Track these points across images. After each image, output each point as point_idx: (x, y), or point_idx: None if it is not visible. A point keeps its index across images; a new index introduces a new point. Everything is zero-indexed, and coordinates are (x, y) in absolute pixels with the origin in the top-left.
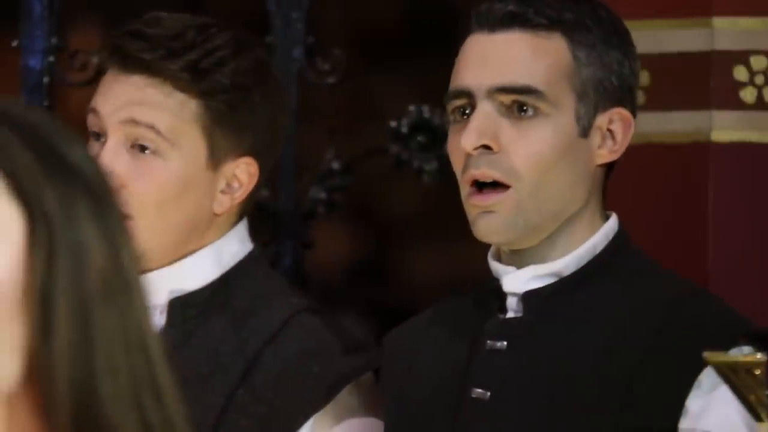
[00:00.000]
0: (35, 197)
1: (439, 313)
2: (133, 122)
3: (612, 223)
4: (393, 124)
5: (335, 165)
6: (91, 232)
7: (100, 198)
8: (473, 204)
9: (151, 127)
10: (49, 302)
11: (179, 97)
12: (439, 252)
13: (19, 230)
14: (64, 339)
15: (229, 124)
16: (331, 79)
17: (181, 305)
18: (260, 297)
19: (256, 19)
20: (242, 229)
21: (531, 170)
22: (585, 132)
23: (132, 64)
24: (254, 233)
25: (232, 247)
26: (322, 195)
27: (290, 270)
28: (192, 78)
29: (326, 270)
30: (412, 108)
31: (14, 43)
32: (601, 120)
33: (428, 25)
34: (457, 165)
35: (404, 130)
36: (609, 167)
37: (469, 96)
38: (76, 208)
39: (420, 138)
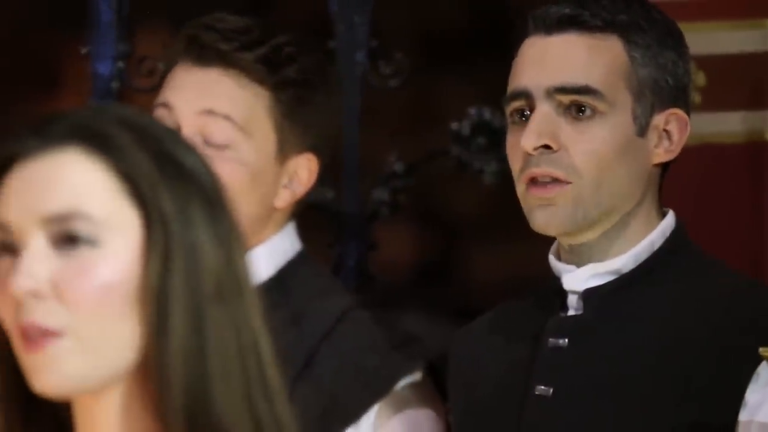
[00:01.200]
0: (153, 200)
1: (503, 313)
2: (210, 113)
3: (669, 220)
4: (454, 126)
5: (398, 167)
6: (206, 235)
7: (214, 202)
8: (534, 195)
9: (227, 118)
10: (165, 302)
11: (253, 88)
12: (500, 251)
13: (137, 231)
14: (178, 338)
15: (297, 118)
16: (393, 83)
17: None
18: (314, 295)
19: (319, 24)
20: (293, 228)
21: (590, 168)
22: (642, 131)
23: (208, 55)
24: (319, 235)
25: (284, 245)
26: (386, 197)
27: (354, 270)
28: (266, 70)
29: (389, 270)
30: (472, 110)
31: (84, 50)
32: (658, 120)
33: (488, 28)
34: (515, 164)
35: (465, 132)
36: (664, 166)
37: (527, 97)
38: (191, 211)
39: (481, 140)
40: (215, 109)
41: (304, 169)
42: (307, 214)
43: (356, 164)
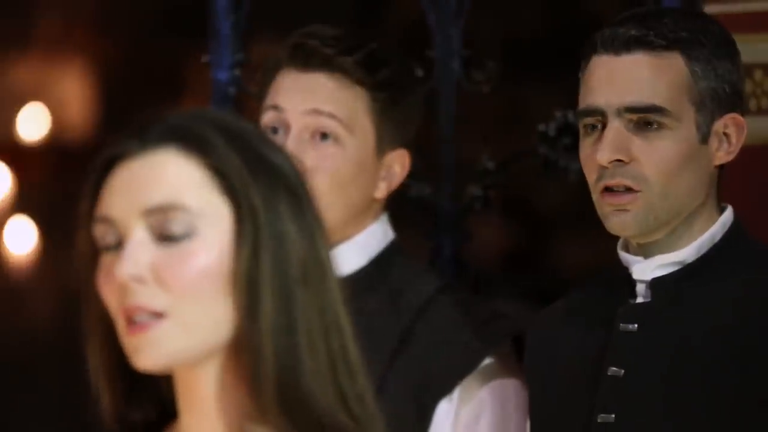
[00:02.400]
0: (243, 194)
1: (576, 299)
2: (317, 112)
3: (728, 215)
4: (541, 127)
5: (490, 165)
6: (291, 225)
7: (298, 196)
8: (608, 202)
9: (333, 116)
10: (255, 286)
11: (354, 89)
12: (584, 242)
13: (228, 222)
14: (268, 318)
15: (392, 116)
16: (485, 88)
17: None
18: (407, 279)
19: (418, 35)
20: (386, 219)
21: (659, 177)
22: (704, 139)
23: (313, 60)
24: (417, 227)
25: (378, 235)
26: (478, 192)
27: (450, 260)
28: (364, 72)
29: (482, 260)
30: (558, 113)
31: (205, 59)
32: (718, 125)
33: (571, 36)
34: (590, 174)
35: (552, 133)
36: (722, 165)
37: (601, 114)
38: (278, 203)
39: (566, 140)
40: (321, 108)
41: (398, 164)
42: (407, 209)
43: (452, 162)
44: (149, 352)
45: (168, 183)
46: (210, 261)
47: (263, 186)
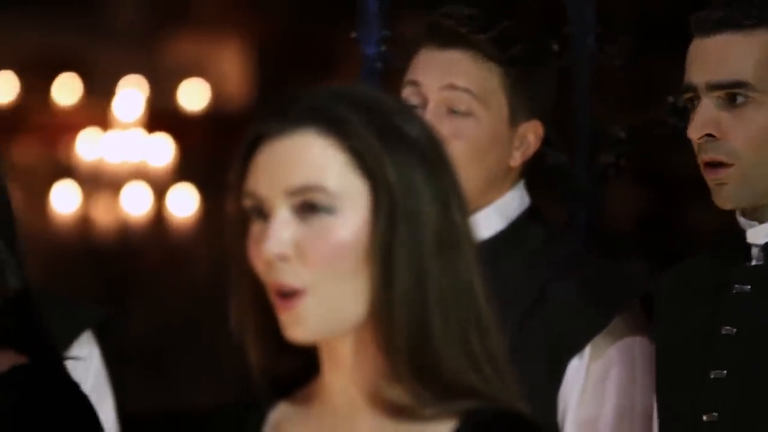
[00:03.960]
0: (378, 172)
1: (697, 262)
2: (452, 87)
3: None
4: (671, 99)
5: (622, 134)
6: (426, 198)
7: (434, 166)
8: (708, 177)
9: (468, 91)
10: (390, 259)
11: (488, 65)
12: (710, 208)
13: (365, 200)
14: (402, 289)
15: (525, 90)
16: (618, 62)
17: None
18: (545, 240)
19: (554, 12)
20: (523, 185)
21: (749, 150)
22: None
23: (449, 38)
24: (554, 194)
25: (516, 200)
26: (612, 160)
27: (584, 225)
28: (498, 49)
29: (616, 224)
30: None
31: (354, 35)
32: None
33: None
34: (694, 147)
35: (680, 104)
36: None
37: (694, 90)
38: (413, 178)
39: None
40: (457, 83)
41: (532, 133)
42: (543, 177)
43: (587, 132)
44: (297, 328)
45: (309, 165)
46: (348, 237)
47: (398, 161)
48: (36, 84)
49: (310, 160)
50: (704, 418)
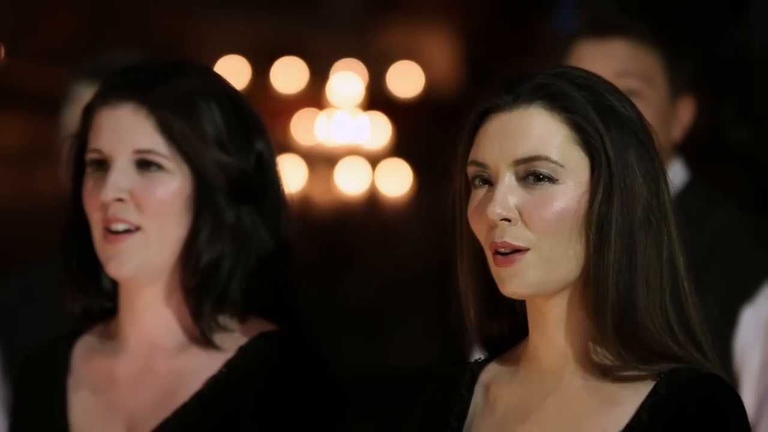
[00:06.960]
0: (599, 147)
1: None
2: (621, 73)
3: None
4: None
5: None
6: (639, 174)
7: (645, 144)
8: None
9: (634, 74)
10: (605, 228)
11: (648, 51)
12: None
13: (585, 172)
14: (614, 256)
15: (680, 69)
16: None
17: None
18: (710, 205)
19: (737, 6)
20: (681, 158)
21: None
22: None
23: (611, 27)
24: (734, 169)
25: (679, 170)
26: None
27: (748, 194)
28: (656, 37)
29: None
30: None
31: (551, 23)
32: None
33: None
34: None
35: None
36: None
37: None
38: (628, 152)
39: None
40: (624, 69)
41: (687, 109)
42: (725, 153)
43: (765, 112)
44: (515, 282)
45: (535, 136)
46: (568, 204)
47: (616, 137)
48: (261, 67)
49: (537, 132)
50: None
